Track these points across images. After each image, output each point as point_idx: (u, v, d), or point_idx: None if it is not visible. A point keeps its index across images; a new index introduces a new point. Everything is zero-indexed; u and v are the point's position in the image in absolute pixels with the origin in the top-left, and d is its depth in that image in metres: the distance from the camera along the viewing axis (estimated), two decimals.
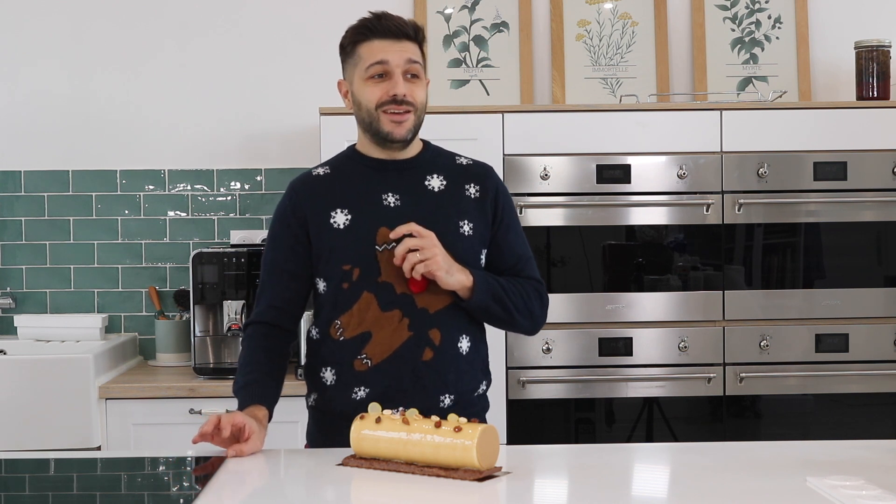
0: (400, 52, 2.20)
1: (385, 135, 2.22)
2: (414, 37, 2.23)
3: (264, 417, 2.16)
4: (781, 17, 3.80)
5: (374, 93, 2.20)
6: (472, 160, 2.36)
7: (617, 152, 3.31)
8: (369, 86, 2.21)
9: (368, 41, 2.21)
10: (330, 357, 2.25)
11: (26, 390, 3.16)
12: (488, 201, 2.29)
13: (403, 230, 2.16)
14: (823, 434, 3.30)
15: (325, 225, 2.23)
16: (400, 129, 2.21)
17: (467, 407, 2.26)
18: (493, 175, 2.34)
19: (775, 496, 1.77)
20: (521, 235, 2.36)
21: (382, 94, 2.20)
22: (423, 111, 2.25)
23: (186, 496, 1.86)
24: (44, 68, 3.79)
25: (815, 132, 3.32)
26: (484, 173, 2.33)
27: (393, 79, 2.19)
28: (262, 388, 2.20)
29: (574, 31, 3.79)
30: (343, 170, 2.30)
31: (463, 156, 2.36)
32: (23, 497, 1.91)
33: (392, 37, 2.20)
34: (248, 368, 2.23)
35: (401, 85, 2.19)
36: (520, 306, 2.26)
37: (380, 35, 2.20)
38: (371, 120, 2.23)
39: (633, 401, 3.31)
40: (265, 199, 3.77)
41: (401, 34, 2.21)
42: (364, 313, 2.20)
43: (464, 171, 2.32)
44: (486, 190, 2.30)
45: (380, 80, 2.20)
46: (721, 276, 3.31)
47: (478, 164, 2.35)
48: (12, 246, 3.78)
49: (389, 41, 2.20)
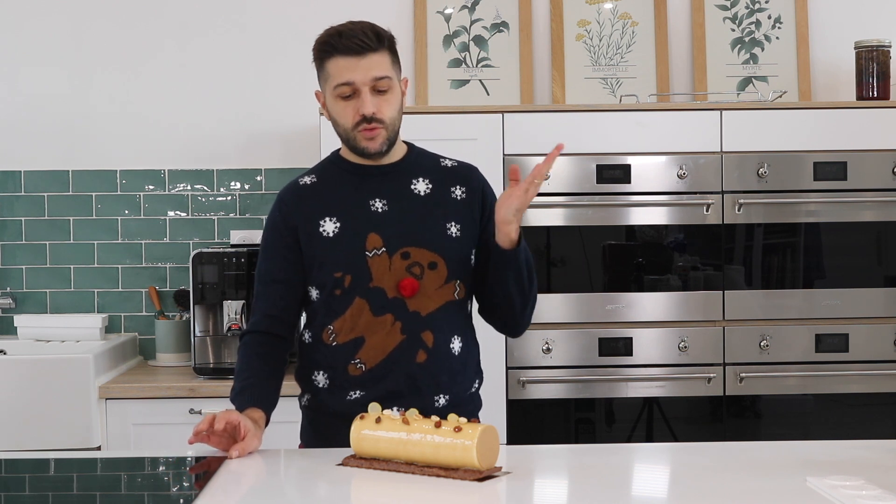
0: (365, 69, 2.18)
1: (361, 150, 2.25)
2: (378, 45, 2.20)
3: (261, 419, 2.16)
4: (781, 17, 3.80)
5: (346, 114, 2.22)
6: (457, 161, 2.37)
7: (617, 152, 3.31)
8: (340, 105, 2.22)
9: (333, 58, 2.21)
10: (322, 361, 2.26)
11: (26, 390, 3.16)
12: (475, 201, 2.31)
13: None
14: (823, 434, 3.30)
15: (314, 234, 2.24)
16: (373, 144, 2.23)
17: (461, 406, 2.27)
18: (478, 175, 2.36)
19: (775, 496, 1.77)
20: None
21: (354, 114, 2.21)
22: (394, 123, 2.25)
23: (186, 496, 1.86)
24: (44, 68, 3.79)
25: (815, 132, 3.32)
26: (469, 174, 2.34)
27: (360, 97, 2.19)
28: (258, 391, 2.20)
29: (574, 31, 3.79)
30: (329, 177, 2.31)
31: (447, 157, 2.37)
32: (23, 497, 1.91)
33: (355, 53, 2.18)
34: (244, 374, 2.24)
35: (368, 104, 2.19)
36: (532, 290, 2.28)
37: (342, 52, 2.19)
38: (348, 138, 2.25)
39: (633, 401, 3.31)
40: (265, 199, 3.77)
41: (364, 48, 2.18)
42: (357, 318, 2.22)
43: (449, 172, 2.33)
44: (473, 190, 2.32)
45: (349, 100, 2.21)
46: (721, 276, 3.31)
47: (462, 165, 2.36)
48: (12, 246, 3.78)
49: (354, 58, 2.18)
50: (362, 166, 2.29)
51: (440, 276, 2.24)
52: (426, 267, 2.23)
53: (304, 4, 3.79)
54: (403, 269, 2.21)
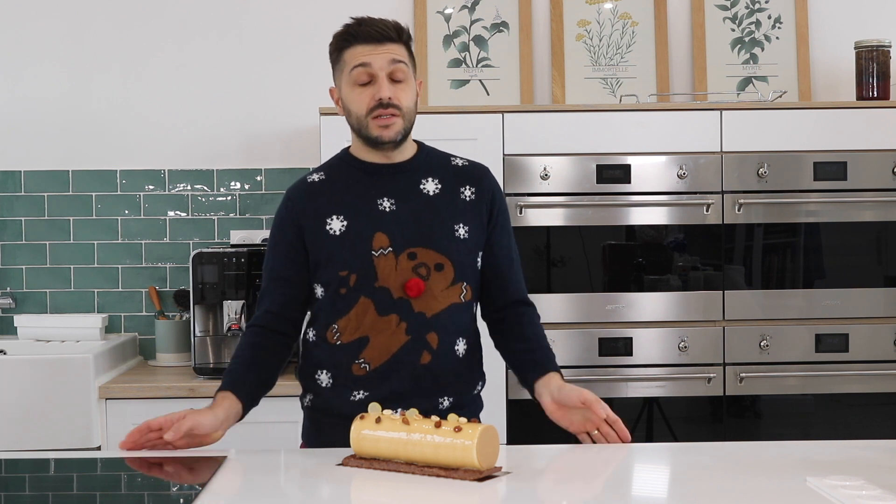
0: (383, 54, 2.19)
1: (374, 139, 2.23)
2: (398, 38, 2.23)
3: (223, 400, 2.16)
4: (781, 17, 3.80)
5: (361, 100, 2.21)
6: (468, 161, 2.35)
7: (617, 152, 3.31)
8: (356, 92, 2.21)
9: (352, 47, 2.21)
10: (326, 360, 2.25)
11: (26, 390, 3.16)
12: (484, 203, 2.29)
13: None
14: (823, 434, 3.30)
15: (321, 232, 2.23)
16: (388, 132, 2.21)
17: (464, 407, 2.27)
18: (489, 176, 2.34)
19: (775, 496, 1.77)
20: (512, 238, 2.37)
21: (369, 101, 2.20)
22: (411, 114, 2.25)
23: (186, 496, 1.86)
24: (44, 68, 3.79)
25: (815, 132, 3.32)
26: (479, 175, 2.32)
27: (378, 83, 2.19)
28: (233, 376, 2.22)
29: (574, 31, 3.79)
30: (338, 175, 2.30)
31: (458, 156, 2.35)
32: (23, 497, 1.91)
33: (374, 41, 2.20)
34: (231, 363, 2.27)
35: (385, 88, 2.19)
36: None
37: (362, 40, 2.20)
38: (360, 126, 2.23)
39: (633, 401, 3.31)
40: (265, 199, 3.77)
41: (383, 37, 2.20)
42: (361, 318, 2.21)
43: (459, 172, 2.31)
44: (482, 191, 2.30)
45: (365, 86, 2.21)
46: (721, 276, 3.31)
47: (473, 165, 2.34)
48: (12, 246, 3.78)
49: (372, 45, 2.20)
50: (372, 164, 2.28)
51: (446, 278, 2.23)
52: (433, 268, 2.21)
53: (303, 5, 3.79)
54: (410, 269, 2.20)
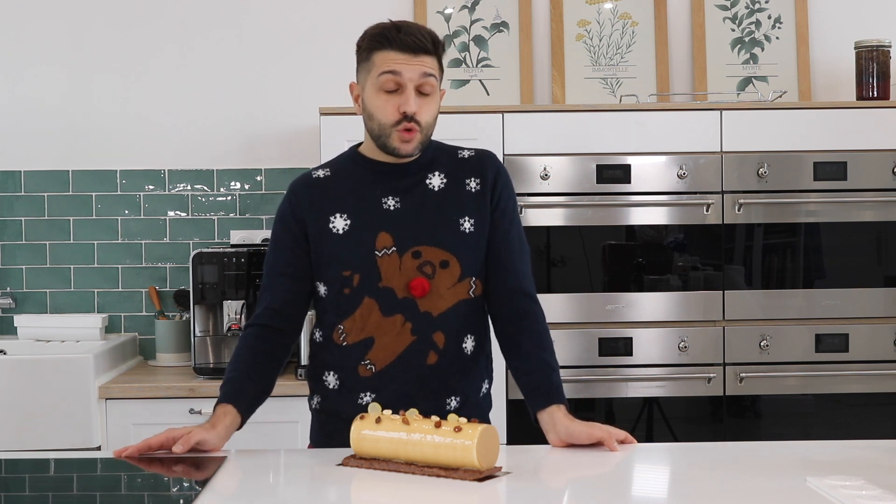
0: (415, 66, 2.13)
1: (392, 150, 2.18)
2: (433, 50, 2.17)
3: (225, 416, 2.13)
4: (781, 17, 3.80)
5: (386, 109, 2.15)
6: (474, 150, 2.29)
7: (617, 152, 3.31)
8: (381, 98, 2.15)
9: (385, 51, 2.14)
10: (333, 361, 2.23)
11: (26, 390, 3.16)
12: (487, 190, 2.24)
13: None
14: (823, 434, 3.30)
15: (324, 230, 2.20)
16: (407, 147, 2.17)
17: (473, 408, 2.25)
18: (494, 161, 2.28)
19: (775, 496, 1.77)
20: (518, 225, 2.29)
21: (394, 112, 2.14)
22: (430, 128, 2.20)
23: (186, 496, 1.86)
24: (44, 69, 3.79)
25: (815, 132, 3.32)
26: (483, 163, 2.26)
27: (405, 94, 2.14)
28: (234, 386, 2.18)
29: (574, 31, 3.79)
30: (343, 172, 2.26)
31: (466, 148, 2.30)
32: (23, 497, 1.91)
33: (409, 51, 2.13)
34: (229, 367, 2.22)
35: (412, 102, 2.13)
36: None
37: (397, 47, 2.13)
38: (381, 134, 2.18)
39: (633, 401, 3.31)
40: (265, 199, 3.77)
41: (419, 49, 2.14)
42: (366, 319, 2.18)
43: (464, 164, 2.26)
44: (486, 179, 2.24)
45: (391, 94, 2.15)
46: (721, 276, 3.31)
47: (478, 154, 2.28)
48: (12, 246, 3.78)
49: (407, 55, 2.13)
50: (379, 163, 2.23)
51: (453, 275, 2.19)
52: (438, 266, 2.18)
53: (303, 5, 3.79)
54: (414, 268, 2.17)
